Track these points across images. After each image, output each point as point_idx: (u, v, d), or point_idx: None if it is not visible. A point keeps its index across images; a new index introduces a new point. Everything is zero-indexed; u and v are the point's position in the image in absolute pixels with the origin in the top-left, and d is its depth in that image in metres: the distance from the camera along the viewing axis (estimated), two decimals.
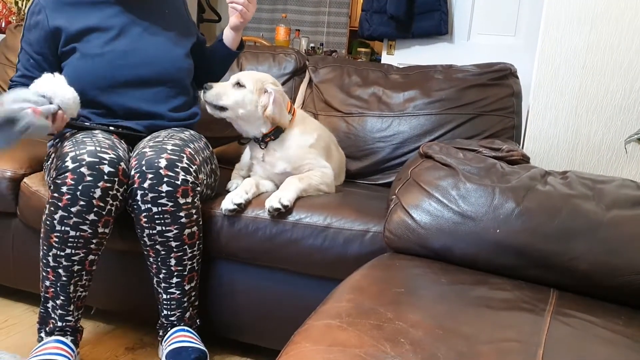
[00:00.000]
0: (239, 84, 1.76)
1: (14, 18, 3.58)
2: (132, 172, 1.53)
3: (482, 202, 1.25)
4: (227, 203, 1.65)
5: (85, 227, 1.49)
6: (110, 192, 1.50)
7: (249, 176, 1.88)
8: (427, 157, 1.46)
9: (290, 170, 1.78)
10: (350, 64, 2.37)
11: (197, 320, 1.68)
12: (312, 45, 5.31)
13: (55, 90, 1.51)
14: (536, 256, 1.19)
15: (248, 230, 1.64)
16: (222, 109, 1.77)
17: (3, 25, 3.52)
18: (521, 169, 1.37)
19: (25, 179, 1.85)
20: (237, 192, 1.67)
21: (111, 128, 1.72)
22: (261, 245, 1.64)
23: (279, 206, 1.61)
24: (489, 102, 2.11)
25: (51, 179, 1.53)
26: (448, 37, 3.52)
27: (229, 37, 1.97)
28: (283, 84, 2.37)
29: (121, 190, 1.53)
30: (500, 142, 1.68)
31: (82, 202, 1.46)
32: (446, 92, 2.13)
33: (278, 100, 1.74)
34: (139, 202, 1.52)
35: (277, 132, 1.78)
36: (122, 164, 1.53)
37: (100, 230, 1.52)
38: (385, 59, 3.65)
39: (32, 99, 1.45)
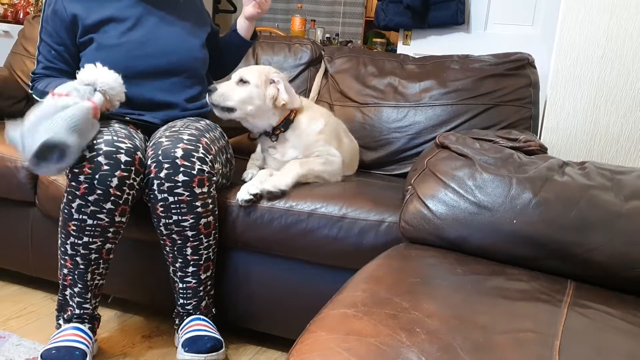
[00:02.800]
0: (242, 81, 1.75)
1: (32, 9, 3.61)
2: (149, 162, 1.54)
3: (499, 193, 1.24)
4: (243, 193, 1.65)
5: (102, 216, 1.50)
6: (127, 181, 1.51)
7: (264, 167, 1.89)
8: (443, 147, 1.45)
9: (301, 157, 1.78)
10: (366, 54, 2.37)
11: (213, 310, 1.70)
12: (327, 35, 5.29)
13: (97, 76, 1.57)
14: (553, 247, 1.18)
15: (263, 220, 1.65)
16: (230, 110, 1.76)
17: (21, 16, 3.55)
18: (538, 159, 1.35)
19: None
20: (253, 183, 1.68)
21: (127, 118, 1.73)
22: (276, 235, 1.64)
23: (273, 190, 1.64)
24: (506, 92, 2.09)
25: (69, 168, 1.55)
26: (464, 27, 3.49)
27: (243, 26, 1.97)
28: (299, 74, 2.37)
29: (138, 179, 1.54)
30: (518, 132, 1.66)
31: (99, 191, 1.47)
32: (462, 83, 2.11)
33: (287, 85, 1.74)
34: (156, 192, 1.53)
35: (286, 123, 1.78)
36: (138, 153, 1.54)
37: (117, 219, 1.53)
38: (401, 49, 3.63)
39: (79, 89, 1.53)
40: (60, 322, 1.61)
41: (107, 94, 1.59)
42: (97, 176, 1.47)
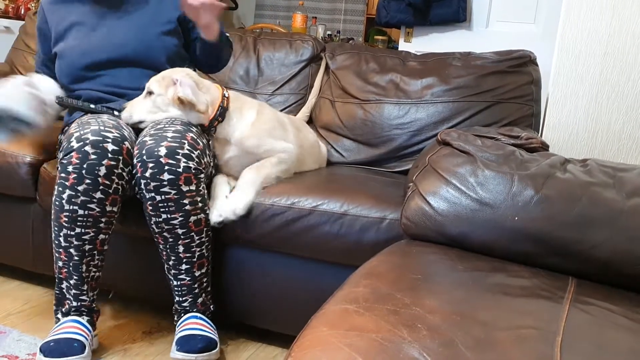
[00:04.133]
0: (149, 92, 1.72)
1: (33, 5, 3.60)
2: (135, 161, 1.55)
3: (501, 190, 1.24)
4: (214, 217, 1.64)
5: (93, 206, 1.51)
6: (115, 171, 1.52)
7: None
8: (445, 144, 1.45)
9: (241, 158, 1.76)
10: (368, 51, 2.36)
11: (211, 306, 1.69)
12: (328, 33, 5.28)
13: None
14: (555, 244, 1.18)
15: (265, 217, 1.65)
16: (140, 122, 1.73)
17: (22, 12, 3.55)
18: (540, 156, 1.35)
19: (44, 165, 1.87)
20: (217, 207, 1.65)
21: (115, 113, 1.76)
22: (277, 231, 1.64)
23: (233, 218, 1.62)
24: (507, 89, 2.09)
25: (59, 160, 1.57)
26: (466, 24, 3.48)
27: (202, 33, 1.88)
28: (300, 70, 2.37)
29: (126, 169, 1.55)
30: (519, 129, 1.66)
31: (88, 180, 1.49)
32: (464, 80, 2.11)
33: (186, 82, 1.68)
34: (144, 191, 1.54)
35: (222, 112, 1.73)
36: (126, 143, 1.55)
37: (108, 208, 1.54)
38: (403, 46, 3.62)
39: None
40: (59, 316, 1.62)
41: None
42: (85, 165, 1.48)
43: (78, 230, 1.53)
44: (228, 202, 1.64)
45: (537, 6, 3.29)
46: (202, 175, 1.60)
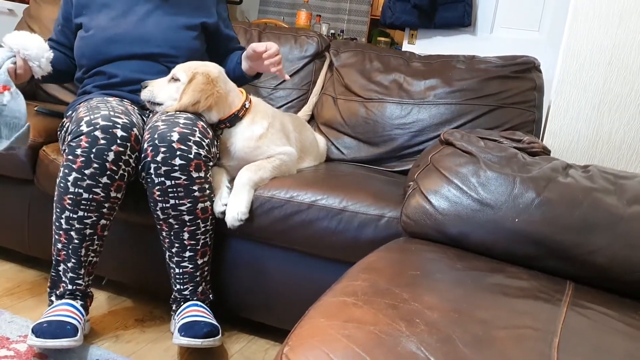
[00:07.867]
0: (174, 79, 1.72)
1: None
2: (145, 146, 1.55)
3: (502, 191, 1.24)
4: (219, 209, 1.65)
5: (98, 190, 1.51)
6: (123, 157, 1.52)
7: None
8: (447, 143, 1.45)
9: (241, 164, 1.74)
10: (372, 50, 2.36)
11: (210, 296, 1.69)
12: (332, 31, 5.28)
13: (24, 42, 1.62)
14: (554, 247, 1.18)
15: (263, 210, 1.64)
16: (159, 104, 1.73)
17: None
18: (542, 160, 1.36)
19: (44, 147, 1.86)
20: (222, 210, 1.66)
21: (125, 101, 1.77)
22: (275, 225, 1.64)
23: (239, 223, 1.62)
24: (510, 94, 2.09)
25: (66, 142, 1.56)
26: (471, 29, 3.49)
27: (245, 66, 1.97)
28: (303, 66, 2.37)
29: (133, 156, 1.55)
30: (522, 133, 1.66)
31: (95, 165, 1.48)
32: (468, 82, 2.11)
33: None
34: (152, 175, 1.53)
35: (233, 119, 1.75)
36: (134, 129, 1.55)
37: (112, 194, 1.53)
38: (406, 48, 3.62)
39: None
40: (53, 298, 1.61)
41: (31, 61, 1.63)
42: (93, 150, 1.48)
43: (81, 213, 1.53)
44: (229, 209, 1.63)
45: (542, 14, 3.30)
46: (211, 164, 1.61)
